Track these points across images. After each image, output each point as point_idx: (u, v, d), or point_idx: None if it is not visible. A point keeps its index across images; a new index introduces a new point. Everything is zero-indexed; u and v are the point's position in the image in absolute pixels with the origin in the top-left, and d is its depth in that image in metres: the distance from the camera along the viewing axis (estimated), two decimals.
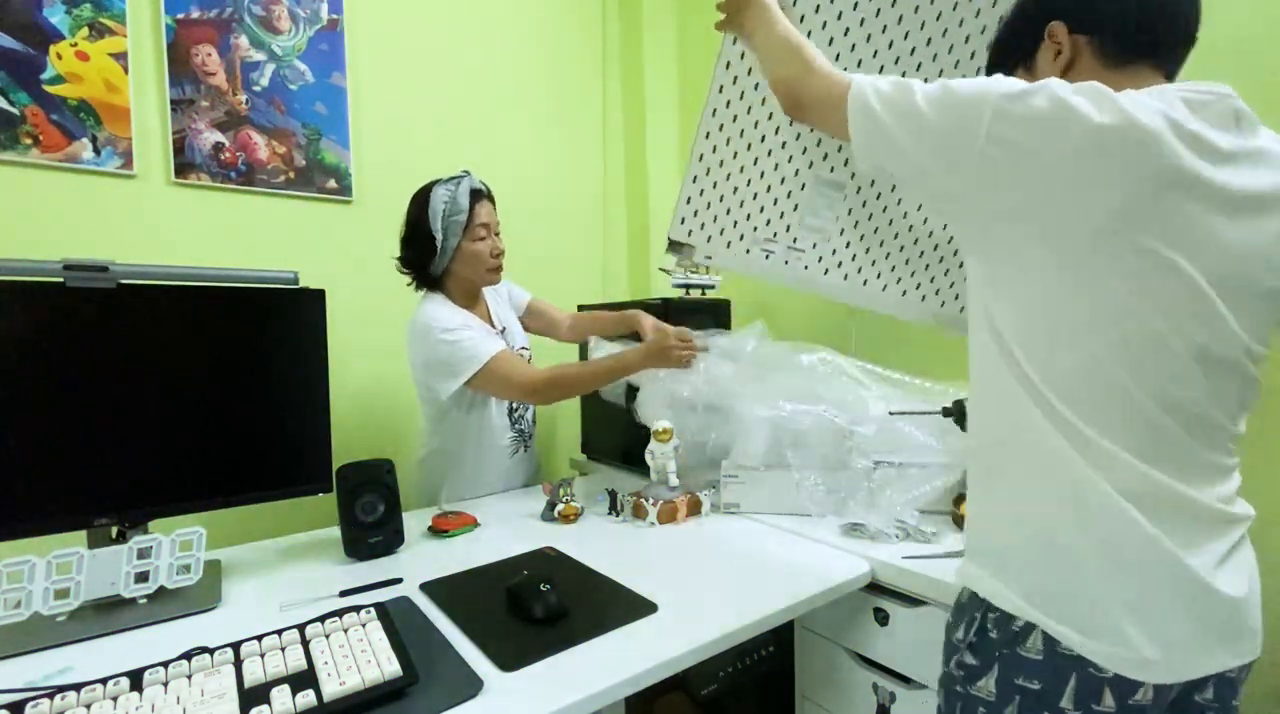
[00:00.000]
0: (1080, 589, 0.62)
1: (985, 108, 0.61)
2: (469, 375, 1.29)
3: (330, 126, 1.71)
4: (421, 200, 1.36)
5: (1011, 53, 0.78)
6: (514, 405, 1.47)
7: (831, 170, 1.15)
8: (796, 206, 1.17)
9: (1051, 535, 0.63)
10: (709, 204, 1.15)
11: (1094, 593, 0.61)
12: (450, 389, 1.31)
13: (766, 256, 1.19)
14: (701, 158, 1.11)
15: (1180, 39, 0.70)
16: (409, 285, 1.45)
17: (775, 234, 1.18)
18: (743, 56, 1.05)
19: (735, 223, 1.17)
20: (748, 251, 1.18)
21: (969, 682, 0.68)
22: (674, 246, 1.17)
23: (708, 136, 1.10)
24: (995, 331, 0.66)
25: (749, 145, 1.12)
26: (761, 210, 1.16)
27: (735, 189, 1.14)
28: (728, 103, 1.08)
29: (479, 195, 1.38)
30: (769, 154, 1.13)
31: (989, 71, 0.77)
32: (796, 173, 1.15)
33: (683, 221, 1.16)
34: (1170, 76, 0.70)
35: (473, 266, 1.38)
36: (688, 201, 1.14)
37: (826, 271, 1.21)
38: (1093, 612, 0.61)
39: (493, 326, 1.46)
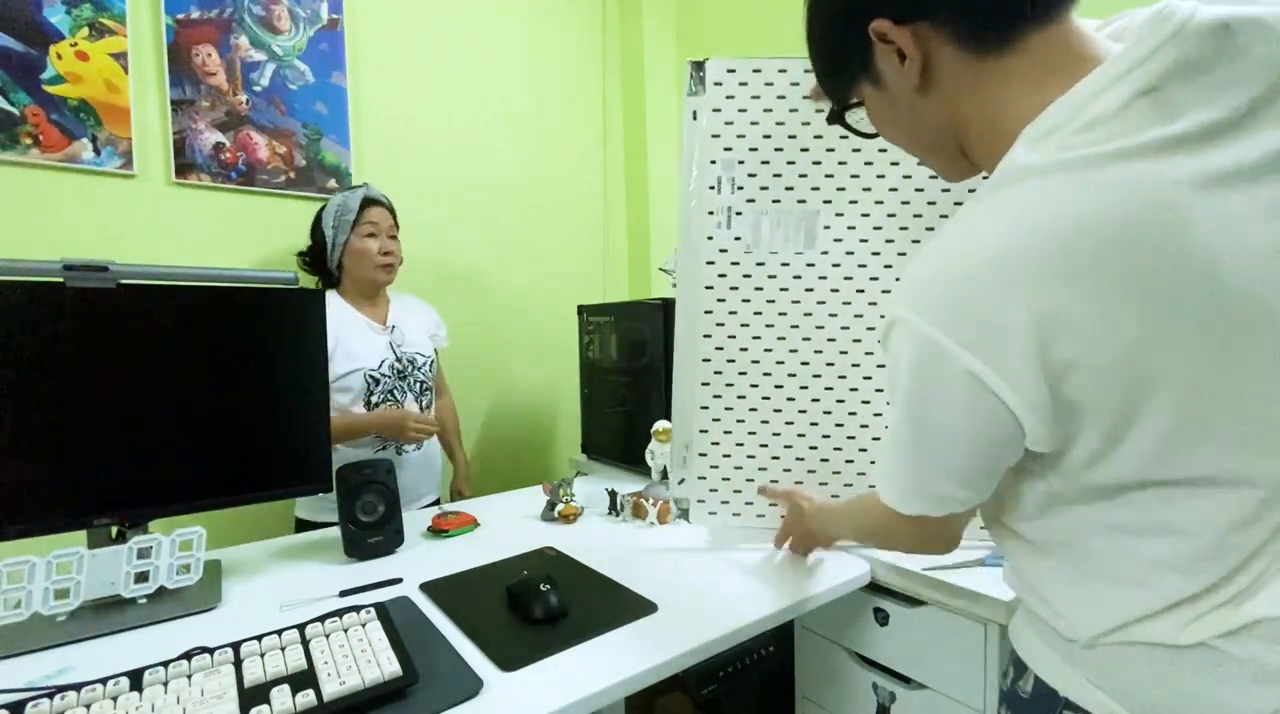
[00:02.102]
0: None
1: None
2: None
3: (330, 126, 1.71)
4: (322, 207, 1.51)
5: (841, 73, 0.58)
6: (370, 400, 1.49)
7: None
8: None
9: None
10: None
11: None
12: None
13: None
14: None
15: None
16: (317, 284, 1.51)
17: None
18: None
19: None
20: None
21: None
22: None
23: None
24: None
25: None
26: None
27: None
28: None
29: (373, 202, 1.49)
30: None
31: (829, 93, 0.62)
32: None
33: None
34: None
35: (360, 262, 1.47)
36: None
37: None
38: None
39: (383, 325, 1.51)
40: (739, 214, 1.01)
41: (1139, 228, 0.42)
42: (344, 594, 0.92)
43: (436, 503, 1.54)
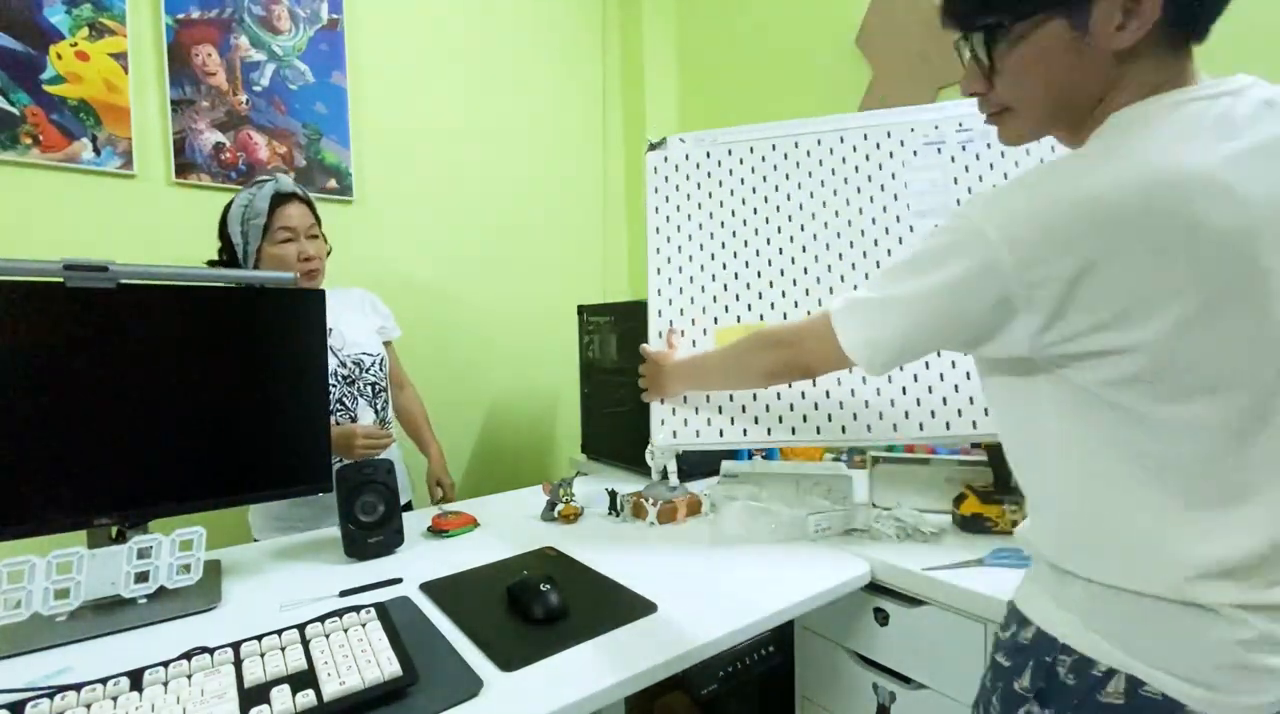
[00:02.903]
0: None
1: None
2: None
3: (330, 126, 1.71)
4: (226, 206, 1.31)
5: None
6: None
7: None
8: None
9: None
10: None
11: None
12: None
13: None
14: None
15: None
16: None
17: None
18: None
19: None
20: None
21: None
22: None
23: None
24: None
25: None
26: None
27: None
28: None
29: (285, 198, 1.29)
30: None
31: (991, 6, 0.57)
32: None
33: None
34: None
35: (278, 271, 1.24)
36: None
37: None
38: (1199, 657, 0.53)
39: None
40: None
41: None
42: (344, 594, 0.92)
43: (409, 506, 1.46)
